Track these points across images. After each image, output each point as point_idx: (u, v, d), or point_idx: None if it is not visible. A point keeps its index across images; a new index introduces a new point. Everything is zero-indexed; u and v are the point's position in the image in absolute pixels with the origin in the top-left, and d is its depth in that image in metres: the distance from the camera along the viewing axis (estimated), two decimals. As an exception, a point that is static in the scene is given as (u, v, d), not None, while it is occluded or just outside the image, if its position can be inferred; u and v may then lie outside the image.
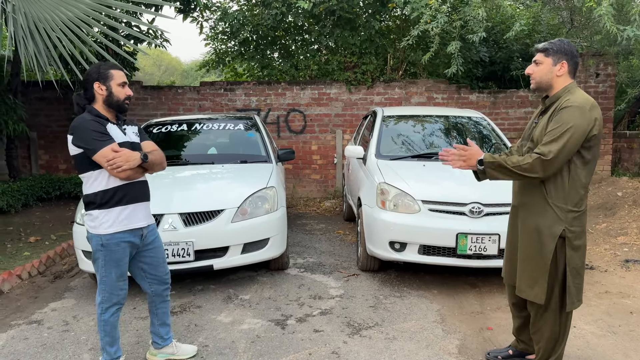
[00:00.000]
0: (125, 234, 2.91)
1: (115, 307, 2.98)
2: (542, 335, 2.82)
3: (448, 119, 6.02)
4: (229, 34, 9.90)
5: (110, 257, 2.89)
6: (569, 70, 2.68)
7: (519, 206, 2.86)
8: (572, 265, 2.67)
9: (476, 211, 4.30)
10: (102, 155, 2.76)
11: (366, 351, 3.37)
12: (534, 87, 2.77)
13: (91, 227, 2.89)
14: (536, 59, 2.73)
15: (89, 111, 2.86)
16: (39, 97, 8.87)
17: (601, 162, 8.36)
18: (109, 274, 2.91)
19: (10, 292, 4.57)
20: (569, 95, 2.63)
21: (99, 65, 2.90)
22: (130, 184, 2.92)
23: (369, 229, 4.69)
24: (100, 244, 2.87)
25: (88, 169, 2.84)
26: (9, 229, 6.56)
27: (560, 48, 2.67)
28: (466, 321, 3.86)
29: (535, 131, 2.74)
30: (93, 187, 2.85)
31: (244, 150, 5.67)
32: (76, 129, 2.79)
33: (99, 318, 2.97)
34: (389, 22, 10.21)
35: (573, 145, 2.54)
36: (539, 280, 2.70)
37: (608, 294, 4.37)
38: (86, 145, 2.77)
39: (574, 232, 2.65)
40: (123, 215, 2.89)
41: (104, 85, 2.86)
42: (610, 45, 7.65)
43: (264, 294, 4.40)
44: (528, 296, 2.75)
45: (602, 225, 6.33)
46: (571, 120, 2.53)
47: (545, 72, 2.69)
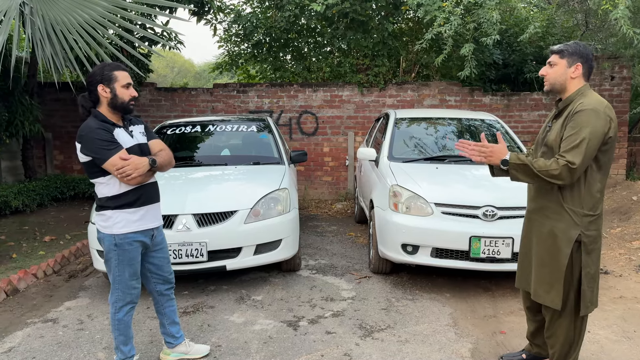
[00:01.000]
0: (138, 234, 2.94)
1: (128, 306, 3.00)
2: (557, 339, 2.81)
3: (461, 121, 6.00)
4: (242, 36, 9.95)
5: (124, 257, 2.91)
6: (583, 73, 2.68)
7: (534, 211, 2.84)
8: (587, 270, 2.66)
9: (490, 214, 4.27)
10: (111, 164, 2.76)
11: (378, 354, 3.37)
12: (548, 88, 2.77)
13: (104, 227, 2.90)
14: (551, 60, 2.73)
15: (94, 116, 2.84)
16: (54, 98, 8.98)
17: (616, 165, 8.28)
18: (122, 273, 2.93)
19: (26, 290, 4.63)
20: (582, 99, 2.62)
21: (102, 67, 2.85)
22: (141, 186, 2.94)
23: (381, 231, 4.68)
24: (113, 244, 2.89)
25: (98, 175, 2.86)
26: (25, 228, 6.65)
27: (576, 50, 2.66)
28: (479, 325, 3.84)
29: (550, 135, 2.72)
30: (105, 191, 2.87)
31: (257, 152, 5.70)
32: (83, 138, 2.78)
33: (113, 317, 2.99)
34: (401, 25, 10.20)
35: (593, 150, 2.53)
36: (555, 285, 2.69)
37: (623, 299, 4.32)
38: (94, 155, 2.77)
39: (589, 236, 2.64)
40: (136, 216, 2.92)
41: (108, 87, 2.83)
42: (625, 48, 7.57)
43: (276, 295, 4.41)
44: (545, 301, 2.74)
45: (617, 229, 6.26)
46: (588, 124, 2.52)
47: (560, 73, 2.69)
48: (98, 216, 2.93)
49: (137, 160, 2.84)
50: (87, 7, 4.83)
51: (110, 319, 3.00)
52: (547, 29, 9.42)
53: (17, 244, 5.84)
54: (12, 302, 4.33)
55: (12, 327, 3.83)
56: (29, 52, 5.31)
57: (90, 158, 2.80)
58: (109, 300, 3.00)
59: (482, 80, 9.51)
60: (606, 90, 8.23)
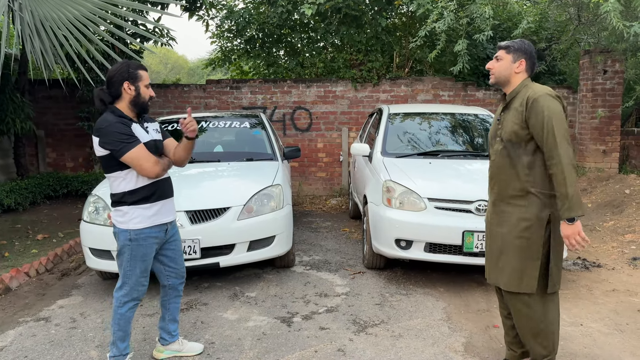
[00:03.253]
0: (153, 229, 2.97)
1: (133, 302, 3.01)
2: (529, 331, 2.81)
3: (454, 116, 6.00)
4: (235, 32, 9.91)
5: (137, 252, 2.93)
6: (526, 68, 2.83)
7: (498, 202, 2.87)
8: (557, 249, 2.74)
9: (483, 209, 4.28)
10: (130, 157, 2.80)
11: (372, 349, 3.37)
12: (493, 81, 2.91)
13: (120, 222, 2.92)
14: (498, 54, 2.88)
15: (112, 111, 2.86)
16: (46, 96, 8.91)
17: (609, 159, 8.31)
18: (133, 268, 2.94)
19: (19, 289, 4.60)
20: (528, 90, 2.76)
21: (127, 65, 2.88)
22: (157, 181, 2.98)
23: (374, 226, 4.68)
24: (128, 239, 2.91)
25: (116, 169, 2.87)
26: (17, 226, 6.61)
27: (521, 47, 2.83)
28: (472, 319, 3.85)
29: (505, 128, 2.80)
30: (122, 186, 2.89)
31: (250, 148, 5.68)
32: (102, 131, 2.80)
33: (116, 311, 2.98)
34: (395, 20, 10.18)
35: (563, 126, 2.63)
36: (527, 269, 2.74)
37: (615, 292, 4.34)
38: (113, 148, 2.79)
39: (558, 215, 2.70)
40: (152, 211, 2.95)
41: (133, 85, 2.87)
42: (617, 42, 7.57)
43: (270, 292, 4.41)
44: (519, 288, 2.76)
45: (610, 223, 6.29)
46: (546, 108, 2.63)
47: (505, 67, 2.84)
48: (114, 212, 2.95)
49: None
50: (77, 3, 4.79)
51: (113, 312, 2.99)
52: (540, 24, 9.43)
53: (9, 243, 5.81)
54: (4, 301, 4.31)
55: (4, 326, 3.80)
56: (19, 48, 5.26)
57: (109, 151, 2.82)
58: (115, 293, 2.99)
59: (475, 74, 9.51)
60: (599, 84, 8.25)
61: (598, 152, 8.32)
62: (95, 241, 4.25)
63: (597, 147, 8.32)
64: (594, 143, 8.33)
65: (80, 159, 9.16)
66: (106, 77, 2.91)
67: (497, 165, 2.87)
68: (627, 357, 3.25)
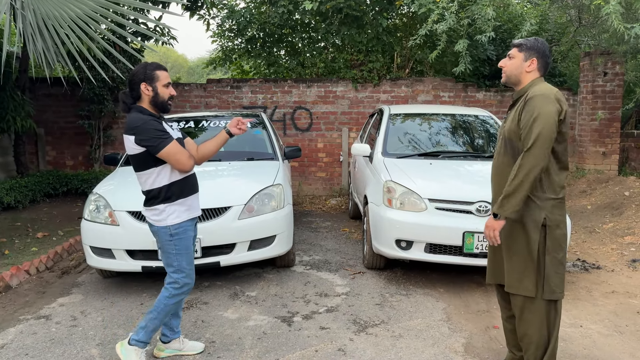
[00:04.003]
0: (188, 222, 3.07)
1: (184, 295, 3.11)
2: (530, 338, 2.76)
3: (455, 117, 6.01)
4: (236, 32, 9.91)
5: (181, 245, 3.03)
6: (538, 67, 2.79)
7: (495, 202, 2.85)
8: (552, 254, 2.71)
9: (483, 210, 4.29)
10: (167, 152, 2.89)
11: (372, 349, 3.38)
12: (504, 80, 2.88)
13: (157, 220, 3.01)
14: (510, 53, 2.84)
15: (139, 111, 2.95)
16: (46, 94, 8.91)
17: (608, 161, 8.33)
18: (182, 261, 3.04)
19: (19, 287, 4.60)
20: (532, 88, 2.73)
21: (145, 66, 2.97)
22: (187, 177, 3.08)
23: (375, 227, 4.69)
24: (169, 234, 3.00)
25: (150, 166, 2.95)
26: (17, 224, 6.61)
27: (534, 46, 2.78)
28: (472, 320, 3.86)
29: (506, 125, 2.82)
30: (157, 182, 2.97)
31: (251, 148, 5.68)
32: (139, 128, 2.87)
33: (165, 303, 3.04)
34: (395, 20, 10.18)
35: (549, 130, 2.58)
36: (526, 272, 2.73)
37: (615, 294, 4.35)
38: (152, 144, 2.87)
39: (554, 220, 2.69)
40: (185, 205, 3.05)
41: (150, 86, 2.95)
42: (618, 44, 7.59)
43: (270, 291, 4.41)
44: (518, 290, 2.76)
45: (609, 224, 6.30)
46: (537, 108, 2.60)
47: (516, 66, 2.80)
48: (150, 211, 3.03)
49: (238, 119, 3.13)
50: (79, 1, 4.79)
51: (158, 301, 3.05)
52: (540, 25, 9.44)
53: (9, 241, 5.81)
54: (4, 299, 4.31)
55: (5, 324, 3.81)
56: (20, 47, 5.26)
57: (144, 149, 2.89)
58: (167, 285, 3.05)
59: (475, 76, 9.53)
60: (599, 86, 8.26)
61: (598, 154, 8.33)
62: (96, 240, 4.26)
63: (597, 149, 8.34)
64: (593, 145, 8.34)
65: (80, 157, 9.16)
66: (127, 80, 3.00)
67: (497, 165, 2.87)
68: (626, 359, 3.26)
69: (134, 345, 3.05)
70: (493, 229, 2.72)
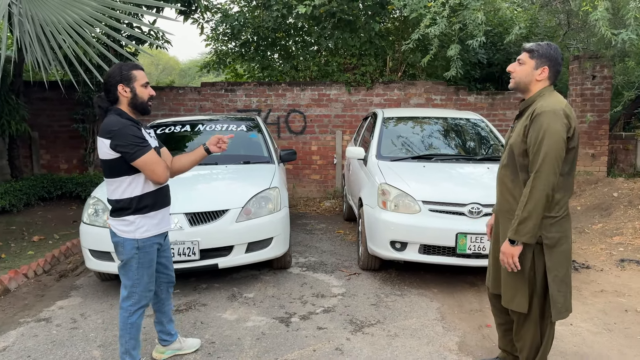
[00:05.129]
0: (157, 237, 2.97)
1: (142, 310, 2.99)
2: (524, 343, 2.81)
3: (447, 120, 6.12)
4: (230, 35, 9.97)
5: (145, 259, 2.92)
6: (549, 76, 2.66)
7: (500, 212, 2.83)
8: (554, 273, 2.63)
9: (475, 211, 4.39)
10: (144, 162, 2.76)
11: (369, 348, 3.46)
12: (513, 86, 2.75)
13: (125, 231, 2.87)
14: (520, 57, 2.71)
15: (118, 114, 2.81)
16: (40, 97, 8.91)
17: (597, 163, 8.47)
18: (141, 276, 2.92)
19: (17, 290, 4.64)
20: (541, 100, 2.60)
21: (120, 67, 2.83)
22: (160, 189, 2.96)
23: (370, 228, 4.78)
24: (136, 247, 2.88)
25: (123, 174, 2.81)
26: (12, 228, 6.62)
27: (546, 53, 2.63)
28: (466, 319, 3.95)
29: (512, 137, 2.72)
30: (127, 192, 2.84)
31: (247, 151, 5.75)
32: (116, 133, 2.72)
33: (125, 322, 2.93)
34: (388, 24, 10.30)
35: (557, 147, 2.48)
36: (520, 288, 2.67)
37: (604, 293, 4.47)
38: (128, 150, 2.73)
39: (550, 238, 2.61)
40: (157, 219, 2.94)
41: (128, 87, 2.82)
42: (606, 48, 7.74)
43: (268, 292, 4.48)
44: (511, 306, 2.73)
45: (598, 225, 6.43)
46: (544, 126, 2.50)
47: (526, 73, 2.67)
48: (117, 221, 2.87)
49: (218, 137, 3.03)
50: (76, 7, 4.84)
51: (122, 323, 2.94)
52: (530, 29, 9.59)
53: (5, 244, 5.83)
54: (3, 302, 4.34)
55: (5, 326, 3.85)
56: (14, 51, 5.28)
57: (119, 155, 2.75)
58: (122, 304, 2.94)
59: (467, 79, 9.65)
60: (588, 89, 8.41)
61: (587, 156, 8.47)
62: (95, 243, 4.31)
63: (586, 151, 8.48)
64: (583, 147, 8.48)
65: (75, 160, 9.16)
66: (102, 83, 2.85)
67: (500, 175, 2.81)
68: (614, 356, 3.37)
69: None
70: (512, 255, 2.59)
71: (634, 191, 7.07)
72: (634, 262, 5.18)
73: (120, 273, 2.96)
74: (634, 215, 6.44)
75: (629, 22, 5.75)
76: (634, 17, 5.71)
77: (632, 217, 6.38)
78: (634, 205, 6.68)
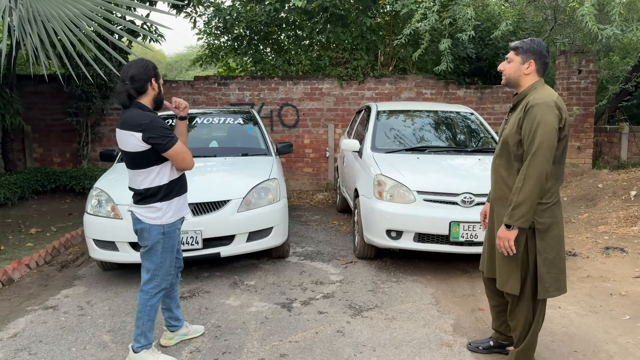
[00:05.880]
0: (178, 221, 3.16)
1: (162, 293, 3.16)
2: (518, 322, 2.98)
3: (439, 113, 6.28)
4: (223, 29, 10.03)
5: (169, 244, 3.09)
6: (536, 69, 2.82)
7: (494, 200, 3.00)
8: (543, 255, 2.78)
9: (468, 201, 4.56)
10: (175, 151, 2.93)
11: (368, 330, 3.62)
12: (504, 82, 2.93)
13: (152, 218, 3.02)
14: (508, 56, 2.88)
15: (140, 107, 2.96)
16: (32, 91, 8.93)
17: (583, 155, 8.72)
18: (164, 260, 3.09)
19: (21, 280, 4.72)
20: (534, 93, 2.76)
21: (150, 63, 3.02)
22: (181, 176, 3.16)
23: (366, 218, 4.93)
24: (162, 233, 3.04)
25: (152, 164, 2.96)
26: (8, 221, 6.67)
27: (530, 47, 2.80)
28: (459, 303, 4.13)
29: (506, 129, 2.90)
30: (156, 180, 2.99)
31: (244, 144, 5.87)
32: (148, 126, 2.87)
33: (145, 304, 3.07)
34: (378, 19, 10.43)
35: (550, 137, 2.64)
36: (513, 271, 2.83)
37: (590, 278, 4.67)
38: (160, 142, 2.89)
39: (542, 223, 2.76)
40: (179, 205, 3.13)
41: (157, 83, 3.04)
42: (591, 43, 7.95)
43: (268, 280, 4.62)
44: (504, 288, 2.90)
45: (584, 215, 6.66)
46: (538, 117, 2.66)
47: (514, 69, 2.84)
48: (144, 208, 3.02)
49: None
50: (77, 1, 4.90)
51: (141, 305, 3.08)
52: (518, 24, 9.79)
53: (3, 237, 5.88)
54: (8, 292, 4.43)
55: (13, 314, 3.94)
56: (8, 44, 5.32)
57: (150, 146, 2.90)
58: (144, 287, 3.09)
59: (456, 73, 9.83)
60: (574, 83, 8.63)
61: (573, 149, 8.71)
62: (99, 233, 4.40)
63: (572, 144, 8.71)
64: (569, 140, 8.70)
65: (68, 154, 9.19)
66: (128, 74, 2.95)
67: (495, 166, 2.96)
68: (600, 335, 3.56)
69: (142, 351, 3.11)
70: (507, 239, 2.74)
71: (618, 182, 7.31)
72: (618, 249, 5.39)
73: (144, 258, 3.11)
74: (618, 205, 6.67)
75: (613, 18, 5.95)
76: (618, 13, 5.91)
77: (616, 207, 6.61)
78: (618, 196, 6.92)
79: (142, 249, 3.11)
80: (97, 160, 8.99)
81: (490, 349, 3.34)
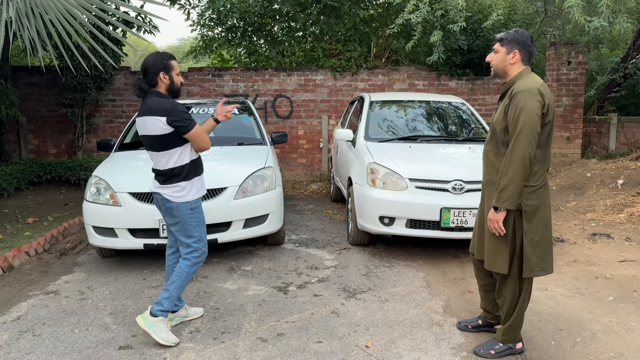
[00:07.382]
0: (200, 199, 3.38)
1: (201, 262, 3.39)
2: (505, 300, 3.11)
3: (430, 104, 6.40)
4: (216, 21, 10.08)
5: (199, 217, 3.33)
6: (522, 59, 2.95)
7: (485, 184, 3.14)
8: (530, 236, 2.90)
9: (458, 188, 4.69)
10: (195, 133, 3.16)
11: (362, 311, 3.75)
12: (493, 73, 3.07)
13: (178, 197, 3.25)
14: (494, 47, 3.01)
15: (159, 95, 3.20)
16: (27, 82, 8.95)
17: (572, 145, 8.87)
18: (201, 232, 3.34)
19: (21, 267, 4.81)
20: (519, 81, 2.88)
21: (160, 56, 3.21)
22: (198, 157, 3.36)
23: (360, 205, 5.05)
24: (190, 209, 3.27)
25: (175, 145, 3.19)
26: (5, 211, 6.74)
27: (514, 38, 2.93)
28: (449, 286, 4.26)
29: (494, 116, 3.05)
30: (179, 160, 3.22)
31: (240, 133, 5.96)
32: (170, 110, 3.11)
33: (187, 271, 3.30)
34: (371, 11, 10.51)
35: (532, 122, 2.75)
36: (501, 252, 2.97)
37: (576, 263, 4.82)
38: (183, 124, 3.12)
39: (529, 205, 2.88)
40: (200, 183, 3.37)
41: (167, 75, 3.21)
42: (580, 35, 8.09)
43: (264, 266, 4.74)
44: (493, 268, 3.04)
45: (572, 203, 6.81)
46: (520, 103, 2.78)
47: (500, 60, 2.98)
48: (170, 188, 3.24)
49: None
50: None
51: (180, 271, 3.30)
52: (509, 16, 9.91)
53: (0, 226, 5.95)
54: (9, 278, 4.51)
55: (15, 299, 4.03)
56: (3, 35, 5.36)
57: (173, 129, 3.13)
58: (187, 256, 3.31)
59: (448, 65, 9.94)
60: (563, 75, 8.77)
61: (562, 139, 8.86)
62: (99, 220, 4.49)
63: (562, 134, 8.87)
64: (558, 130, 8.87)
65: (63, 145, 9.23)
66: (141, 68, 3.21)
67: (485, 151, 3.09)
68: (585, 315, 3.71)
69: (159, 316, 3.26)
70: (496, 220, 2.89)
71: (606, 172, 7.48)
72: (604, 235, 5.55)
73: (180, 233, 3.32)
74: (605, 193, 6.83)
75: (601, 10, 6.08)
76: (606, 5, 6.04)
77: (603, 196, 6.77)
78: (606, 185, 7.08)
79: (173, 226, 3.33)
80: (92, 152, 9.04)
81: (479, 327, 3.47)
